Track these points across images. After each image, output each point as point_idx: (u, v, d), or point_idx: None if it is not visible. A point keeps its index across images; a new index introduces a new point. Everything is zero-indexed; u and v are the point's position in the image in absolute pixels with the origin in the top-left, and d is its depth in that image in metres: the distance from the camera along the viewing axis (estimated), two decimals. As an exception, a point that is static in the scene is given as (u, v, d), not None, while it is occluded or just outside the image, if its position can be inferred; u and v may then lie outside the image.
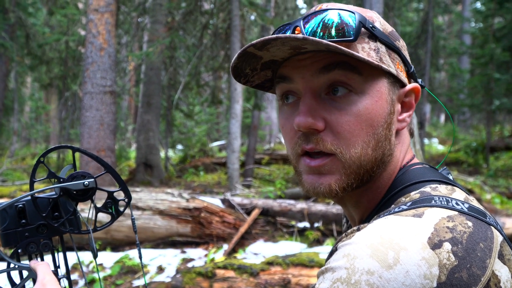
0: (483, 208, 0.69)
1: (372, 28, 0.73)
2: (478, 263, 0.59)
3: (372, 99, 0.73)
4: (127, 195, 0.95)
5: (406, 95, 0.79)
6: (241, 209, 5.77)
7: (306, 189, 0.77)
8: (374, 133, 0.73)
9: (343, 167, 0.73)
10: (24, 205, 0.92)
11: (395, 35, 0.79)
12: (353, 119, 0.72)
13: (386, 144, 0.75)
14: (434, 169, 0.80)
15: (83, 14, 11.72)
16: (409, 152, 0.83)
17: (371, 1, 7.64)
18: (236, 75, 0.80)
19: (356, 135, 0.72)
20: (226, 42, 9.79)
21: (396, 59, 0.77)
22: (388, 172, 0.79)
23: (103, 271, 4.77)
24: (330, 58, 0.71)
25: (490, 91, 10.73)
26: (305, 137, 0.74)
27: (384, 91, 0.74)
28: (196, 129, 13.74)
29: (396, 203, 0.73)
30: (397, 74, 0.76)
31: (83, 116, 7.39)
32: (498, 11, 10.90)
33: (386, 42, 0.75)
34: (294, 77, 0.74)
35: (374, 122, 0.73)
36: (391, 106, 0.76)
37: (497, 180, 9.33)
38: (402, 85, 0.78)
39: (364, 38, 0.73)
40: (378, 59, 0.73)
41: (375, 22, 0.76)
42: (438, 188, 0.71)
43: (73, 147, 0.92)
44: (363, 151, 0.73)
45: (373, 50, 0.73)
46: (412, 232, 0.60)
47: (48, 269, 0.87)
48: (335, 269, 0.61)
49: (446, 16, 20.61)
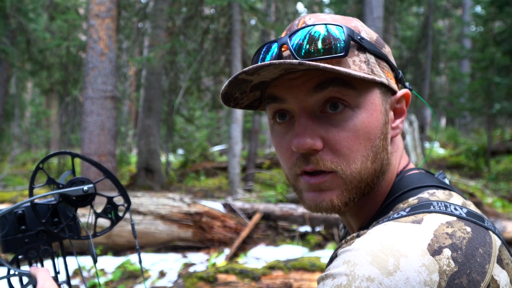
0: (481, 213, 0.70)
1: (360, 40, 0.72)
2: (478, 268, 0.59)
3: (368, 112, 0.72)
4: (127, 200, 0.95)
5: (398, 101, 0.79)
6: (242, 213, 5.77)
7: (308, 206, 0.76)
8: (372, 145, 0.72)
9: (344, 183, 0.72)
10: (23, 211, 0.91)
11: (380, 42, 0.78)
12: (351, 134, 0.71)
13: (384, 155, 0.75)
14: (431, 174, 0.80)
15: (83, 19, 11.76)
16: (403, 157, 0.83)
17: (371, 5, 7.65)
18: (226, 101, 0.78)
19: (355, 150, 0.71)
20: (226, 47, 9.81)
21: (385, 67, 0.76)
22: (386, 180, 0.79)
23: (105, 276, 4.76)
24: (323, 76, 0.70)
25: (490, 95, 10.73)
26: (304, 158, 0.72)
27: (378, 102, 0.73)
28: (197, 133, 13.76)
29: (394, 209, 0.73)
30: (388, 83, 0.75)
31: (84, 121, 7.40)
32: (498, 15, 10.92)
33: (374, 52, 0.74)
34: (287, 98, 0.73)
35: (371, 135, 0.72)
36: (386, 116, 0.76)
37: (498, 184, 9.32)
38: (393, 92, 0.78)
39: (353, 51, 0.71)
40: (369, 71, 0.72)
41: (361, 32, 0.75)
42: (435, 193, 0.71)
43: (72, 153, 0.92)
44: (363, 165, 0.72)
45: (363, 63, 0.72)
46: (412, 239, 0.60)
47: (48, 275, 0.87)
48: (335, 275, 0.60)
49: (446, 20, 20.65)
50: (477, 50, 12.04)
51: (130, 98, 16.19)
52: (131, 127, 19.28)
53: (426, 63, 11.70)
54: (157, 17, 9.88)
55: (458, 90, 14.22)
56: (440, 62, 14.57)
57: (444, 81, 20.24)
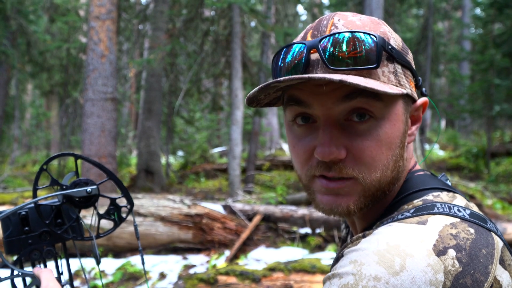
0: (483, 214, 0.70)
1: (391, 49, 0.72)
2: (481, 269, 0.60)
3: (391, 123, 0.72)
4: (129, 201, 0.95)
5: (416, 109, 0.80)
6: (242, 215, 5.77)
7: (322, 208, 0.76)
8: (392, 155, 0.73)
9: (362, 190, 0.73)
10: (27, 212, 0.92)
11: (405, 47, 0.78)
12: (374, 144, 0.71)
13: (401, 162, 0.76)
14: (434, 176, 0.81)
15: (84, 21, 11.77)
16: (412, 159, 0.84)
17: (371, 7, 7.66)
18: (250, 103, 0.78)
19: (377, 159, 0.72)
20: (227, 49, 9.82)
21: (409, 76, 0.76)
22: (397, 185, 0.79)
23: (105, 278, 4.76)
24: (352, 87, 0.69)
25: (490, 96, 10.74)
26: (326, 164, 0.72)
27: (400, 113, 0.74)
28: (197, 135, 13.75)
29: (399, 210, 0.74)
30: (411, 93, 0.76)
31: (84, 123, 7.40)
32: (498, 17, 10.93)
33: (401, 62, 0.74)
34: (313, 104, 0.72)
35: (393, 145, 0.73)
36: (405, 125, 0.76)
37: (498, 186, 9.31)
38: (414, 100, 0.78)
39: (384, 61, 0.71)
40: (397, 82, 0.72)
41: (390, 39, 0.74)
42: (440, 195, 0.72)
43: (76, 155, 0.92)
44: (383, 174, 0.73)
45: (392, 73, 0.72)
46: (418, 239, 0.61)
47: (52, 276, 0.87)
48: (342, 275, 0.61)
49: (446, 22, 20.66)
50: (476, 52, 12.05)
51: (130, 100, 16.19)
52: (131, 128, 19.28)
53: (425, 65, 11.71)
54: (157, 19, 9.89)
55: (458, 92, 14.22)
56: (439, 64, 14.58)
57: (443, 83, 20.25)
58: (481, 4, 11.89)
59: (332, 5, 13.12)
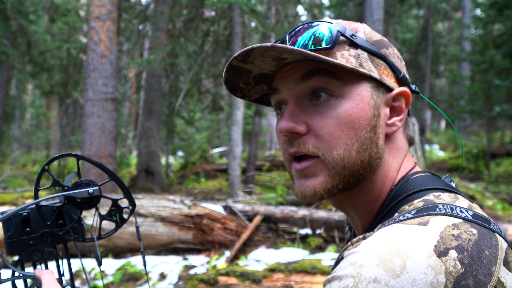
0: (487, 215, 0.70)
1: (351, 36, 0.76)
2: (484, 270, 0.59)
3: (353, 103, 0.74)
4: (131, 202, 0.95)
5: (395, 99, 0.80)
6: (243, 215, 5.76)
7: (296, 193, 0.79)
8: (356, 135, 0.74)
9: (326, 169, 0.75)
10: (28, 213, 0.92)
11: (382, 43, 0.80)
12: (334, 122, 0.74)
13: (372, 147, 0.76)
14: (437, 177, 0.80)
15: (84, 21, 11.77)
16: (408, 160, 0.83)
17: (371, 8, 7.66)
18: (231, 89, 0.84)
19: (337, 137, 0.74)
20: (227, 49, 9.82)
21: (381, 65, 0.78)
22: (379, 176, 0.79)
23: (105, 278, 4.75)
24: (310, 67, 0.75)
25: (490, 97, 10.74)
26: (290, 141, 0.77)
27: (365, 95, 0.75)
28: (197, 136, 13.75)
29: (399, 211, 0.73)
30: (380, 78, 0.77)
31: (84, 123, 7.40)
32: (498, 18, 10.93)
33: (368, 49, 0.77)
34: (281, 88, 0.78)
35: (356, 125, 0.74)
36: (375, 109, 0.76)
37: (499, 187, 9.31)
38: (390, 89, 0.79)
39: (344, 46, 0.75)
40: (357, 64, 0.75)
41: (359, 31, 0.79)
42: (441, 196, 0.71)
43: (77, 155, 0.92)
44: (346, 153, 0.74)
45: (353, 57, 0.75)
46: (418, 241, 0.60)
47: (53, 277, 0.87)
48: (342, 277, 0.61)
49: (446, 22, 20.67)
50: (477, 52, 12.04)
51: (130, 100, 16.19)
52: (132, 129, 19.28)
53: (426, 65, 11.71)
54: (158, 19, 9.89)
55: (458, 93, 14.22)
56: (440, 64, 14.60)
57: (444, 84, 20.26)
58: (481, 4, 11.89)
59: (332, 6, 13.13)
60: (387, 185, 0.79)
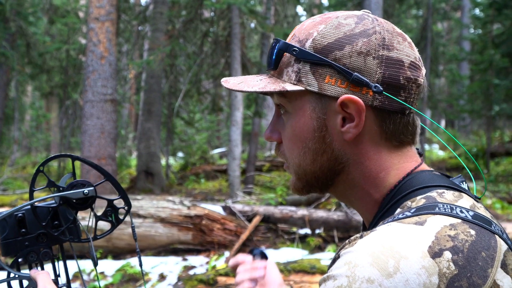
0: (490, 216, 0.68)
1: (293, 51, 0.76)
2: (479, 272, 0.59)
3: (296, 117, 0.79)
4: (127, 203, 0.95)
5: (345, 106, 0.75)
6: (242, 216, 5.76)
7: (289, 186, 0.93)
8: (305, 146, 0.79)
9: (293, 172, 0.84)
10: (24, 214, 0.92)
11: (333, 45, 0.75)
12: (287, 134, 0.81)
13: (324, 156, 0.78)
14: (444, 176, 0.78)
15: (83, 23, 11.77)
16: (409, 160, 0.79)
17: (370, 8, 7.66)
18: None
19: (291, 147, 0.81)
20: (226, 50, 9.82)
21: (325, 73, 0.74)
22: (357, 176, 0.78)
23: (105, 279, 4.75)
24: None
25: (489, 96, 10.74)
26: (276, 147, 0.87)
27: (306, 109, 0.77)
28: (196, 136, 13.76)
29: (402, 206, 0.72)
30: (319, 90, 0.74)
31: (84, 124, 7.40)
32: (497, 17, 10.93)
33: (310, 60, 0.75)
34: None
35: (302, 138, 0.79)
36: (317, 121, 0.76)
37: (498, 186, 9.32)
38: (335, 98, 0.75)
39: (290, 62, 0.78)
40: (296, 80, 0.76)
41: (308, 40, 0.75)
42: (444, 194, 0.70)
43: (73, 156, 0.92)
44: (301, 161, 0.80)
45: (294, 72, 0.77)
46: (413, 241, 0.60)
47: (49, 278, 0.87)
48: (336, 277, 0.61)
49: (445, 22, 20.66)
50: (476, 52, 12.05)
51: (130, 101, 16.19)
52: (131, 130, 19.28)
53: (425, 65, 11.67)
54: (157, 20, 9.90)
55: (457, 92, 14.22)
56: (439, 64, 14.59)
57: (443, 83, 20.25)
58: (480, 4, 11.90)
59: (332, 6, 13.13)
60: (378, 183, 0.78)
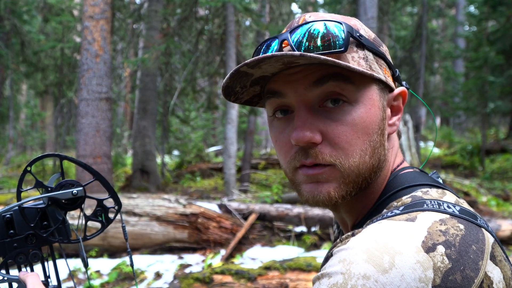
0: (474, 211, 0.70)
1: (359, 37, 0.73)
2: (471, 265, 0.59)
3: (366, 107, 0.73)
4: (117, 202, 0.94)
5: (395, 99, 0.81)
6: (238, 214, 5.76)
7: (305, 198, 0.75)
8: (370, 140, 0.73)
9: (341, 177, 0.73)
10: (11, 215, 0.90)
11: (378, 41, 0.80)
12: (349, 128, 0.72)
13: (381, 150, 0.76)
14: (424, 173, 0.81)
15: (78, 21, 11.73)
16: (398, 156, 0.83)
17: (365, 6, 7.66)
18: (227, 94, 0.79)
19: (353, 144, 0.72)
20: (221, 48, 9.80)
21: (382, 64, 0.77)
22: (381, 177, 0.79)
23: (100, 278, 4.74)
24: (323, 71, 0.71)
25: (484, 94, 10.78)
26: (303, 151, 0.73)
27: (375, 98, 0.75)
28: (192, 134, 13.75)
29: (388, 207, 0.73)
30: (385, 79, 0.77)
31: (79, 123, 7.38)
32: (491, 14, 10.96)
33: (372, 49, 0.75)
34: (287, 92, 0.73)
35: (369, 130, 0.73)
36: (383, 112, 0.76)
37: (493, 183, 9.35)
38: (391, 89, 0.80)
39: (352, 48, 0.73)
40: (368, 67, 0.73)
41: (360, 30, 0.77)
42: (429, 192, 0.72)
43: (61, 155, 0.91)
44: (361, 160, 0.73)
45: (362, 59, 0.73)
46: (406, 236, 0.60)
47: (38, 280, 0.86)
48: (331, 274, 0.61)
49: (440, 20, 20.70)
50: (471, 49, 12.09)
51: (125, 99, 16.16)
52: (127, 128, 19.23)
53: (420, 62, 11.72)
54: (152, 18, 9.86)
55: (452, 90, 14.26)
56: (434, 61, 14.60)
57: (438, 81, 20.30)
58: (474, 1, 11.92)
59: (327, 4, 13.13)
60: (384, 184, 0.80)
